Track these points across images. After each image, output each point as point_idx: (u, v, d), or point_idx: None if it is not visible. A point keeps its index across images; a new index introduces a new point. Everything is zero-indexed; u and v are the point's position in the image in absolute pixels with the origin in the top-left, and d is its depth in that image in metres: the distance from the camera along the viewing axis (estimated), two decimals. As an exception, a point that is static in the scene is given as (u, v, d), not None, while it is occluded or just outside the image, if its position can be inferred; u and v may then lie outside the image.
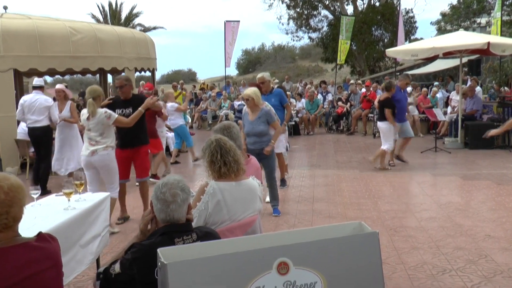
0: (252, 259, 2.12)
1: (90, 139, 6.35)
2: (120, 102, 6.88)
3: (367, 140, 15.36)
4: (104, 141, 6.33)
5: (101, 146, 6.30)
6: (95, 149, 6.29)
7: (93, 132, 6.32)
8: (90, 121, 6.30)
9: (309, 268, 2.18)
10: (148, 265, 2.56)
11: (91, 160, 6.32)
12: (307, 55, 52.64)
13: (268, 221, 6.76)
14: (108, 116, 6.28)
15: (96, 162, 6.32)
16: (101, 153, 6.30)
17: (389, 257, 5.27)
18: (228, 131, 4.29)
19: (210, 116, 19.21)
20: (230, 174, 3.54)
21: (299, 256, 2.17)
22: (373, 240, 2.34)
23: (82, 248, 3.98)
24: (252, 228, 3.61)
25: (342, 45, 21.31)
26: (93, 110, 6.26)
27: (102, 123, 6.28)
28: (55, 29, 11.28)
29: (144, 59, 13.54)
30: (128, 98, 6.87)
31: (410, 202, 7.64)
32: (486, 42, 11.55)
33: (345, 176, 9.84)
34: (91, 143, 6.33)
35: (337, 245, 2.24)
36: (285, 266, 2.16)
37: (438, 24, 33.41)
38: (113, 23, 31.51)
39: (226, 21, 21.13)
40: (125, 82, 6.86)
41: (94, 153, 6.29)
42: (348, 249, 2.25)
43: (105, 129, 6.34)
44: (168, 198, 2.77)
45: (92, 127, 6.32)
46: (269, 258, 2.13)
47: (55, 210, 4.00)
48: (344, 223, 2.58)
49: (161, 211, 2.78)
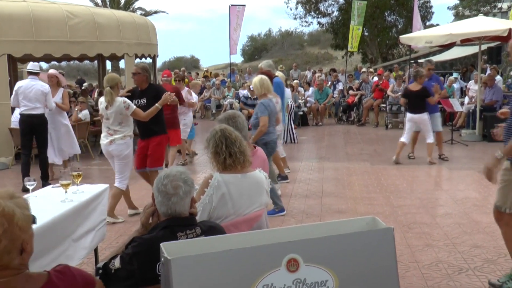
0: (260, 255, 2.11)
1: (108, 128, 6.54)
2: (138, 92, 7.00)
3: (379, 132, 15.33)
4: (122, 130, 6.52)
5: (119, 135, 6.50)
6: (113, 139, 6.50)
7: (111, 121, 6.49)
8: (108, 110, 6.44)
9: (320, 265, 2.17)
10: (149, 260, 2.56)
11: (108, 149, 6.56)
12: (316, 42, 52.48)
13: (275, 217, 6.76)
14: (127, 106, 6.43)
15: (114, 151, 6.54)
16: (118, 142, 6.50)
17: (402, 254, 5.26)
18: (233, 120, 4.27)
19: (214, 105, 19.20)
20: (235, 166, 3.54)
21: (310, 252, 2.15)
22: (387, 236, 2.33)
23: (74, 243, 3.96)
24: (258, 223, 3.61)
25: (354, 31, 21.21)
26: (111, 99, 6.39)
27: (121, 113, 6.43)
28: (51, 12, 11.28)
29: (145, 45, 13.52)
30: (143, 88, 6.96)
31: (424, 197, 7.62)
32: (507, 28, 11.44)
33: (356, 169, 9.82)
34: (109, 133, 6.54)
35: (350, 241, 2.23)
36: (295, 263, 2.15)
37: (456, 9, 33.22)
38: (112, 7, 31.46)
39: (231, 5, 21.06)
40: (140, 70, 6.89)
41: (112, 143, 6.50)
42: (361, 246, 2.24)
43: (123, 119, 6.50)
44: (169, 190, 2.76)
45: (110, 116, 6.47)
46: (278, 255, 2.12)
47: (52, 202, 4.00)
48: (357, 218, 2.57)
49: (162, 204, 2.78)
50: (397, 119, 15.99)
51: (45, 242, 3.46)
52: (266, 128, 6.72)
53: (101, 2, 33.55)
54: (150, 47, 13.93)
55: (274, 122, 7.05)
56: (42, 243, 3.41)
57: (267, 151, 6.69)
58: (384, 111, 16.25)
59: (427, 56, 24.73)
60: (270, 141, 6.86)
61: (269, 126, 6.80)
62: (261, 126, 6.70)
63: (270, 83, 7.18)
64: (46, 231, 3.46)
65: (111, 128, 6.50)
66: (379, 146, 12.59)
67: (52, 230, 3.57)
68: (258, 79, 7.09)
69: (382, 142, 13.34)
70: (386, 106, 16.08)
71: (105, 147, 6.59)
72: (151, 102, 6.81)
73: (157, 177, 2.86)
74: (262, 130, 6.70)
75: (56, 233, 3.65)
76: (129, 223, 6.63)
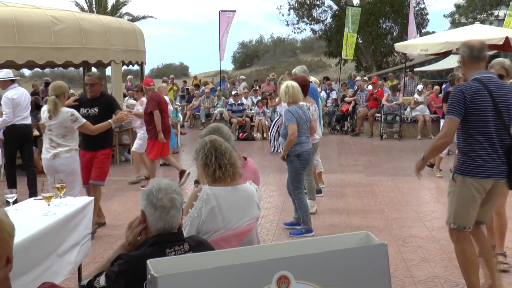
0: (250, 272, 2.11)
1: (51, 141, 6.20)
2: (87, 101, 6.84)
3: (374, 142, 15.39)
4: (67, 144, 6.21)
5: (63, 149, 6.18)
6: (57, 152, 6.17)
7: (54, 133, 6.17)
8: (52, 121, 6.12)
9: (312, 283, 2.17)
10: (137, 279, 2.53)
11: (53, 164, 6.19)
12: (309, 49, 52.78)
13: (266, 230, 6.76)
14: (74, 119, 6.15)
15: (59, 166, 6.17)
16: (63, 155, 6.18)
17: (397, 269, 5.28)
18: (218, 132, 4.21)
19: (203, 114, 19.18)
20: (225, 178, 3.54)
21: (301, 269, 2.16)
22: (381, 252, 2.33)
23: (59, 258, 3.94)
24: (249, 237, 3.61)
25: (348, 39, 21.34)
26: (55, 109, 6.07)
27: (65, 126, 6.14)
28: (35, 17, 11.26)
29: (132, 52, 13.52)
30: (95, 96, 6.83)
31: (420, 210, 7.65)
32: (504, 36, 11.58)
33: (350, 180, 9.84)
34: (52, 145, 6.19)
35: (342, 258, 2.24)
36: (286, 280, 2.15)
37: (452, 17, 33.50)
38: (98, 12, 31.44)
39: (221, 11, 21.13)
40: (97, 81, 6.83)
41: (56, 156, 6.16)
42: (353, 262, 2.25)
43: (67, 131, 6.19)
44: (166, 204, 2.74)
45: (53, 128, 6.15)
46: (268, 271, 2.12)
47: (33, 216, 3.97)
48: (349, 233, 2.57)
49: (159, 220, 2.75)
50: (392, 129, 16.08)
51: (28, 257, 3.44)
52: (296, 137, 6.33)
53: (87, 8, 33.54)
54: (137, 54, 13.93)
55: (307, 130, 6.64)
56: (25, 259, 3.39)
57: (300, 163, 6.50)
58: (379, 120, 16.32)
59: (423, 64, 24.93)
60: (303, 152, 6.50)
61: (300, 135, 6.41)
62: (290, 135, 6.32)
63: (300, 90, 6.62)
64: (28, 246, 3.44)
65: (54, 140, 6.16)
66: (374, 157, 12.63)
67: (35, 245, 3.55)
68: (284, 86, 6.64)
69: (376, 152, 13.39)
70: (380, 116, 16.16)
71: (48, 162, 6.19)
72: (103, 111, 6.71)
73: (146, 192, 2.82)
74: (291, 139, 6.33)
75: (39, 248, 3.62)
76: (115, 237, 6.59)
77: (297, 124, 6.38)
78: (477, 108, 4.06)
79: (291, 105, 6.55)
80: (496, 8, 28.60)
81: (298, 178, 6.61)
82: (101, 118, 6.63)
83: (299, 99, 6.67)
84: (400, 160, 12.05)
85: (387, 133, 16.08)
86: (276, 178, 10.11)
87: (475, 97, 4.06)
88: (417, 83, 18.09)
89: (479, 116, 4.08)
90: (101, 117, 6.64)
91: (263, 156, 13.09)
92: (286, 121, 6.47)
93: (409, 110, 16.27)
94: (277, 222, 7.16)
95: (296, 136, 6.35)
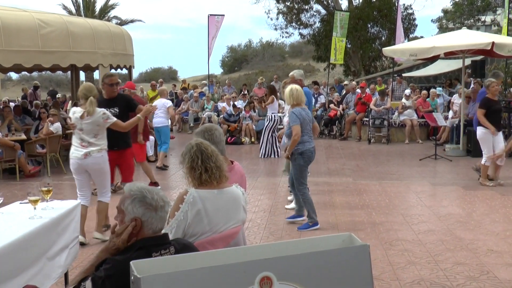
0: (232, 273, 2.13)
1: (81, 140, 6.27)
2: (104, 101, 6.98)
3: (362, 146, 15.46)
4: (98, 143, 6.30)
5: (94, 148, 6.27)
6: (89, 151, 6.24)
7: (85, 132, 6.25)
8: (85, 120, 6.21)
9: (294, 283, 2.19)
10: (123, 283, 2.50)
11: (83, 163, 6.26)
12: (298, 53, 52.94)
13: (254, 234, 6.78)
14: (107, 118, 6.28)
15: (90, 165, 6.28)
16: (95, 155, 6.26)
17: (384, 272, 5.31)
18: (209, 133, 4.22)
19: (192, 118, 19.20)
20: (211, 182, 3.55)
21: (283, 270, 2.18)
22: (363, 253, 2.36)
23: (49, 261, 3.96)
24: (235, 240, 3.62)
25: (337, 43, 21.44)
26: (93, 109, 6.19)
27: (98, 124, 6.26)
28: (22, 20, 11.22)
29: (121, 56, 13.51)
30: (113, 97, 7.01)
31: (407, 214, 7.70)
32: (490, 42, 11.69)
33: (337, 184, 9.89)
34: (82, 145, 6.26)
35: (324, 259, 2.26)
36: (268, 281, 2.17)
37: (440, 22, 33.80)
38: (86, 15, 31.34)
39: (209, 15, 21.16)
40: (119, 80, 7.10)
41: (87, 156, 6.23)
42: (336, 263, 2.27)
43: (99, 130, 6.31)
44: (161, 203, 2.82)
45: (85, 127, 6.23)
46: (251, 273, 2.14)
47: (19, 219, 3.96)
48: (332, 235, 2.60)
49: (160, 220, 2.82)
50: (380, 133, 16.17)
51: (16, 261, 3.45)
52: (299, 137, 6.72)
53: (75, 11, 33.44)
54: (126, 58, 13.93)
55: (310, 130, 6.99)
56: (13, 262, 3.41)
57: (303, 160, 6.93)
58: (367, 125, 16.41)
59: (411, 69, 25.08)
60: (306, 150, 6.86)
61: (303, 135, 6.80)
62: (294, 135, 6.72)
63: (303, 93, 7.05)
64: (14, 250, 3.44)
65: (85, 139, 6.26)
66: (362, 161, 12.69)
67: (22, 249, 3.54)
68: (288, 89, 7.00)
69: (364, 157, 13.45)
70: (368, 120, 16.25)
71: (78, 161, 6.25)
72: (123, 110, 6.92)
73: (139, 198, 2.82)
74: (295, 139, 6.73)
75: (26, 252, 3.62)
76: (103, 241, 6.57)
77: (300, 125, 6.73)
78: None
79: (295, 107, 6.89)
80: (483, 13, 28.89)
81: (302, 174, 7.00)
82: (122, 117, 6.81)
83: (303, 101, 7.03)
84: (388, 164, 12.12)
85: (375, 137, 16.17)
86: (263, 182, 10.14)
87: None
88: (405, 88, 18.21)
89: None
90: (122, 116, 6.82)
91: (251, 160, 13.11)
92: (291, 122, 6.82)
93: (396, 115, 16.38)
94: (265, 225, 7.18)
95: (300, 136, 6.75)
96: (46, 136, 11.11)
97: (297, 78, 8.76)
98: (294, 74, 8.95)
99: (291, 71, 9.53)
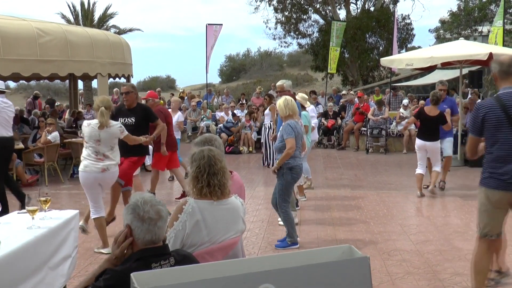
0: (233, 285, 2.13)
1: (96, 153, 6.18)
2: (124, 110, 7.13)
3: (360, 156, 15.48)
4: (113, 156, 6.27)
5: (111, 162, 6.23)
6: (107, 166, 6.18)
7: (103, 143, 6.18)
8: (102, 132, 6.15)
9: (295, 295, 2.20)
10: (122, 294, 2.52)
11: (100, 177, 6.18)
12: (296, 63, 53.02)
13: (252, 244, 6.77)
14: (122, 130, 6.31)
15: (107, 179, 6.28)
16: (113, 170, 6.26)
17: (382, 282, 5.31)
18: (209, 144, 4.23)
19: (190, 127, 19.20)
20: (211, 197, 3.53)
21: (284, 282, 2.18)
22: (363, 265, 2.36)
23: (51, 271, 3.98)
24: (234, 251, 3.62)
25: (332, 53, 21.52)
26: (106, 120, 6.14)
27: (116, 137, 6.26)
28: (20, 29, 11.23)
29: (119, 65, 13.52)
30: (132, 107, 7.13)
31: (405, 224, 7.71)
32: (487, 52, 11.73)
33: (335, 194, 9.89)
34: (98, 158, 6.17)
35: (324, 271, 2.26)
36: (269, 293, 2.17)
37: (437, 32, 33.92)
38: (85, 25, 31.39)
39: (207, 24, 21.20)
40: (132, 89, 7.13)
41: (105, 170, 6.17)
42: (336, 276, 2.27)
43: (115, 143, 6.30)
44: (153, 216, 2.78)
45: (103, 139, 6.17)
46: (251, 284, 2.14)
47: (17, 229, 3.96)
48: (333, 247, 2.60)
49: (147, 232, 2.77)
50: (378, 143, 16.20)
51: (16, 270, 3.46)
52: (294, 151, 6.43)
53: (74, 20, 33.47)
54: (124, 67, 13.93)
55: (300, 146, 6.75)
56: (12, 272, 3.42)
57: (291, 176, 6.60)
58: (365, 135, 16.43)
59: (408, 79, 25.19)
60: (296, 165, 6.57)
61: (296, 149, 6.53)
62: (288, 148, 6.40)
63: (295, 105, 6.80)
64: (13, 260, 3.45)
65: (101, 152, 6.16)
66: (360, 171, 12.71)
67: (20, 259, 3.55)
68: (283, 99, 6.72)
69: (362, 166, 13.47)
70: (366, 130, 16.27)
71: (96, 175, 6.14)
72: (139, 121, 7.03)
73: (131, 206, 2.83)
74: (289, 152, 6.41)
75: (26, 261, 3.63)
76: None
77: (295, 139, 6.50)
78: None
79: (289, 118, 6.62)
80: (480, 24, 29.04)
81: (287, 191, 6.69)
82: (137, 127, 6.95)
83: (296, 112, 6.81)
84: (386, 174, 12.14)
85: (373, 147, 16.19)
86: (262, 192, 10.14)
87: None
88: (402, 99, 18.25)
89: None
90: (137, 127, 6.95)
91: (249, 170, 13.11)
92: (285, 135, 6.51)
93: (394, 124, 16.41)
94: (263, 235, 7.18)
95: (294, 150, 6.46)
96: (44, 145, 11.12)
97: (286, 88, 8.70)
98: (283, 84, 8.83)
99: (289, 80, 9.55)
